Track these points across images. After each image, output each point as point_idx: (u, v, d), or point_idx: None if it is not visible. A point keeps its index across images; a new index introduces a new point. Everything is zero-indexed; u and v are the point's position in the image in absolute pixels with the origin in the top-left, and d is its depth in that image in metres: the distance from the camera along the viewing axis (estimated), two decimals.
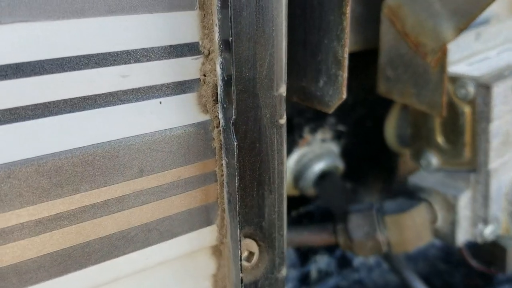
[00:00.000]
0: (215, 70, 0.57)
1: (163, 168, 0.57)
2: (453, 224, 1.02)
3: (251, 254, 0.66)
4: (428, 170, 1.08)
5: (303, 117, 1.14)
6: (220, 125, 0.58)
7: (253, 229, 0.65)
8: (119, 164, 0.54)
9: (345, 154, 1.26)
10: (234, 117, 0.54)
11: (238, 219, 0.58)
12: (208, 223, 0.63)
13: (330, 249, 1.36)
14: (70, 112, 0.51)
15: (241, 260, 0.60)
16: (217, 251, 0.66)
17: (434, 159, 1.04)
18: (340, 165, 1.22)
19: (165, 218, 0.59)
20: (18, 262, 0.51)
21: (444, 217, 1.03)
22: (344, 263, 1.38)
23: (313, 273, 1.31)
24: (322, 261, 1.33)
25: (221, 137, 0.58)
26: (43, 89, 0.49)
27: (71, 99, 0.51)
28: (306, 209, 1.29)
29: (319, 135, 1.19)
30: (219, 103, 0.57)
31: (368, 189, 1.36)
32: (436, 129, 1.02)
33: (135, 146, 0.54)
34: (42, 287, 0.53)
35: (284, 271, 0.69)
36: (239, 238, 0.59)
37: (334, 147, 1.24)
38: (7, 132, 0.48)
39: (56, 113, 0.50)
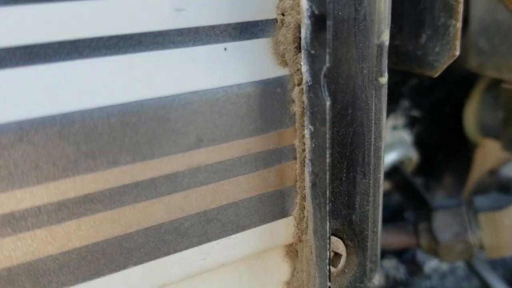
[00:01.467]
0: (299, 6, 0.42)
1: (228, 137, 0.42)
2: None
3: (336, 256, 0.50)
4: None
5: None
6: (304, 82, 0.43)
7: (339, 223, 0.50)
8: (171, 130, 0.39)
9: (419, 143, 1.10)
10: (328, 65, 0.39)
11: (327, 208, 0.43)
12: (283, 214, 0.48)
13: (399, 252, 1.20)
14: (105, 55, 0.37)
15: (329, 265, 0.45)
16: (292, 251, 0.51)
17: None
18: (413, 155, 1.05)
19: (228, 206, 0.44)
20: (32, 260, 0.37)
21: None
22: (414, 268, 1.21)
23: (380, 280, 1.15)
24: (389, 266, 1.16)
25: (305, 98, 0.43)
26: (70, 20, 0.35)
27: (108, 38, 0.37)
28: None
29: (390, 121, 1.03)
30: (302, 51, 0.42)
31: (442, 184, 1.19)
32: None
33: (192, 106, 0.40)
34: None
35: (376, 280, 0.53)
36: (327, 235, 0.44)
37: (406, 136, 1.08)
38: (19, 78, 0.34)
39: (88, 55, 0.36)
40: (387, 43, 0.46)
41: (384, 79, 0.47)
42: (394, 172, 1.04)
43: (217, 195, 0.43)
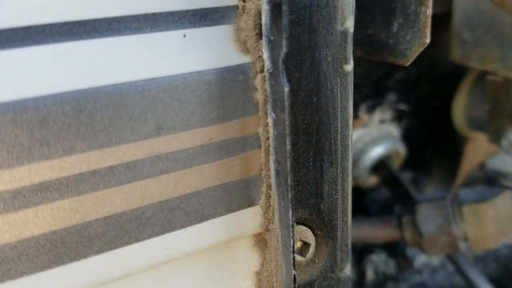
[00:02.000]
0: None
1: (189, 125, 0.42)
2: None
3: (305, 245, 0.50)
4: (511, 153, 0.90)
5: (359, 93, 0.98)
6: (266, 69, 0.42)
7: (308, 212, 0.49)
8: (129, 117, 0.39)
9: (407, 137, 1.09)
10: (285, 51, 0.39)
11: (289, 196, 0.43)
12: (250, 203, 0.48)
13: (388, 247, 1.20)
14: (59, 41, 0.37)
15: (293, 253, 0.45)
16: (261, 241, 0.50)
17: None
18: (401, 150, 1.05)
19: (192, 195, 0.44)
20: None
21: None
22: (404, 263, 1.21)
23: (369, 274, 1.14)
24: (379, 261, 1.16)
25: (267, 85, 0.43)
26: (21, 6, 0.35)
27: (61, 24, 0.37)
28: (360, 203, 1.12)
29: (377, 114, 1.03)
30: (263, 37, 0.42)
31: (431, 178, 1.18)
32: None
33: (150, 93, 0.40)
34: (25, 283, 0.39)
35: (348, 270, 0.53)
36: (291, 223, 0.44)
37: (394, 130, 1.08)
38: None
39: (41, 42, 0.36)
40: (351, 30, 0.45)
41: (349, 67, 0.46)
42: (381, 166, 1.03)
43: (179, 184, 0.43)
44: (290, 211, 0.43)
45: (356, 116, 1.00)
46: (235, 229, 0.47)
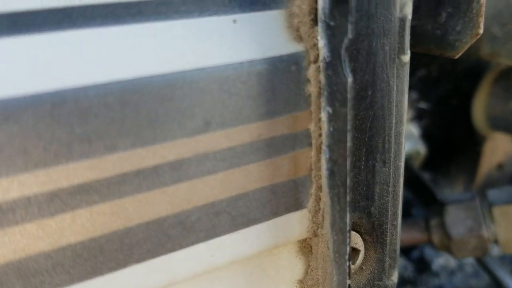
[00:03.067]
0: None
1: (238, 121, 0.38)
2: None
3: (354, 252, 0.46)
4: None
5: None
6: (321, 58, 0.39)
7: (357, 216, 0.45)
8: (176, 111, 0.35)
9: (426, 136, 1.06)
10: (350, 37, 0.35)
11: (347, 198, 0.39)
12: (297, 206, 0.44)
13: (406, 250, 1.16)
14: (101, 25, 0.33)
15: (349, 261, 0.41)
16: (306, 247, 0.46)
17: None
18: (421, 149, 1.02)
19: (238, 197, 0.40)
20: (22, 258, 0.33)
21: None
22: (422, 266, 1.17)
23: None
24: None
25: (321, 77, 0.39)
26: None
27: (103, 5, 0.33)
28: None
29: None
30: (320, 24, 0.38)
31: (450, 179, 1.15)
32: None
33: (199, 84, 0.36)
34: None
35: (395, 277, 0.49)
36: (347, 228, 0.40)
37: (414, 129, 1.04)
38: (2, 51, 0.30)
39: (81, 26, 0.32)
40: (410, 17, 0.42)
41: (406, 57, 0.43)
42: None
43: (226, 185, 0.39)
44: (348, 215, 0.40)
45: None
46: (281, 234, 0.43)
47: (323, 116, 0.40)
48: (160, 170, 0.36)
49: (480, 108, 1.07)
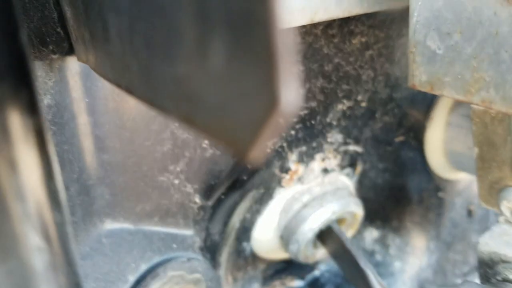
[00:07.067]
0: None
1: None
2: None
3: None
4: None
5: (285, 138, 0.65)
6: None
7: None
8: None
9: (365, 186, 0.78)
10: None
11: None
12: None
13: None
14: None
15: None
16: None
17: None
18: (357, 210, 0.73)
19: None
20: None
21: None
22: None
23: None
24: None
25: None
26: None
27: None
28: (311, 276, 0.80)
29: (317, 162, 0.70)
30: None
31: (405, 235, 0.88)
32: None
33: None
34: None
35: None
36: None
37: (345, 180, 0.76)
38: None
39: None
40: None
41: None
42: (330, 234, 0.71)
43: None
44: None
45: (284, 169, 0.67)
46: None
47: None
48: None
49: (436, 143, 0.79)
